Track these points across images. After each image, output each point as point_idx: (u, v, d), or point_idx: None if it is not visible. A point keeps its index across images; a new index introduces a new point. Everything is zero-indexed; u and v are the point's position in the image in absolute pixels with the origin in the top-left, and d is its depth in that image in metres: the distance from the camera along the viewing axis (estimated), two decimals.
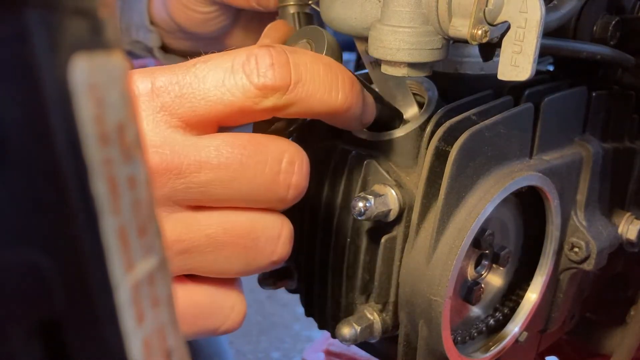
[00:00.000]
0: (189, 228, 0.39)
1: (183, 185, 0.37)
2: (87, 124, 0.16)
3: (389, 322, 0.53)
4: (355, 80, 0.44)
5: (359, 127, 0.50)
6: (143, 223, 0.18)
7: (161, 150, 0.37)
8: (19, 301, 0.15)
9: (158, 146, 0.37)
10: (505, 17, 0.44)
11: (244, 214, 0.41)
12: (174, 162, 0.37)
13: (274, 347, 2.08)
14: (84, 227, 0.16)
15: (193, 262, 0.40)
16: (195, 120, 0.38)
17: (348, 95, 0.42)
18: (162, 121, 0.38)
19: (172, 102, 0.38)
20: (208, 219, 0.39)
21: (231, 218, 0.40)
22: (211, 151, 0.38)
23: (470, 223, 0.48)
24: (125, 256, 0.17)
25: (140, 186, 0.18)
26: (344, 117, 0.44)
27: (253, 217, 0.41)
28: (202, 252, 0.39)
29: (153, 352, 0.18)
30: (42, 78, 0.15)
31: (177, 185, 0.37)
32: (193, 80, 0.38)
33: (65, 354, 0.16)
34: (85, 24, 0.16)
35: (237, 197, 0.40)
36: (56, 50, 0.15)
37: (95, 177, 0.16)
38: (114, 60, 0.17)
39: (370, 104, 0.47)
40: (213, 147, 0.38)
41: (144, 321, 0.18)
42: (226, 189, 0.39)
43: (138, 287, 0.17)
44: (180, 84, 0.38)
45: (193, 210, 0.39)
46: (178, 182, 0.37)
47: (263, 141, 0.40)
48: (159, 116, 0.38)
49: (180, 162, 0.37)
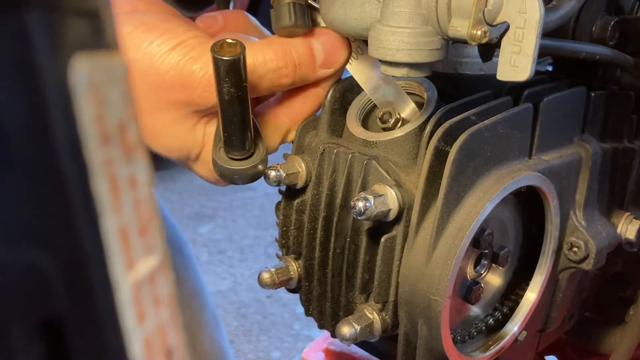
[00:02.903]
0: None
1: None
2: (88, 124, 0.16)
3: (388, 321, 0.53)
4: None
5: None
6: (144, 222, 0.18)
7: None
8: (20, 300, 0.16)
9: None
10: (505, 17, 0.44)
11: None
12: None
13: (274, 347, 2.08)
14: (85, 226, 0.16)
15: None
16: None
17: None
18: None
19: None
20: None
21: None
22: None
23: (470, 223, 0.48)
24: (126, 255, 0.17)
25: (141, 186, 0.18)
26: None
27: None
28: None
29: (154, 351, 0.18)
30: (43, 78, 0.15)
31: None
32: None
33: (65, 352, 0.16)
34: (86, 25, 0.16)
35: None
36: (57, 50, 0.15)
37: (96, 176, 0.16)
38: (115, 60, 0.17)
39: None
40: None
41: (145, 320, 0.18)
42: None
43: (139, 286, 0.17)
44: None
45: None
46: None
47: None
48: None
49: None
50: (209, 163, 0.57)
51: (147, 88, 0.52)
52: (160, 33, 0.52)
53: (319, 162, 0.55)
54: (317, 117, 0.58)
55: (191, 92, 0.52)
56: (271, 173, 0.55)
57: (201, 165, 0.58)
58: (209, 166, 0.57)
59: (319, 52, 0.55)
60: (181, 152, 0.57)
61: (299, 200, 0.57)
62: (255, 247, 2.60)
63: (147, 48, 0.51)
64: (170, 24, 0.53)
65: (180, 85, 0.52)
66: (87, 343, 0.17)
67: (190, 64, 0.51)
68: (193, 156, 0.58)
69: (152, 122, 0.54)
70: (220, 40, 0.49)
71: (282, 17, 0.53)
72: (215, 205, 2.91)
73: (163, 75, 0.51)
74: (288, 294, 0.64)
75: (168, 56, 0.51)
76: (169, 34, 0.52)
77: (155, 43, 0.51)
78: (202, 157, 0.58)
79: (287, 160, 0.57)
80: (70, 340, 0.16)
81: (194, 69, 0.51)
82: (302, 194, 0.57)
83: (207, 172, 0.59)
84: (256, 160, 0.55)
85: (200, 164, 0.58)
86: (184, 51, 0.51)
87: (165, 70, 0.51)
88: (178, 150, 0.57)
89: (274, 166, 0.56)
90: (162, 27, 0.52)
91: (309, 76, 0.56)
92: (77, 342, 0.16)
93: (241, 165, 0.55)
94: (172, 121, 0.54)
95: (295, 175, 0.56)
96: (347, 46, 0.56)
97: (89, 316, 0.16)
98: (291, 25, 0.53)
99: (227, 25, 0.61)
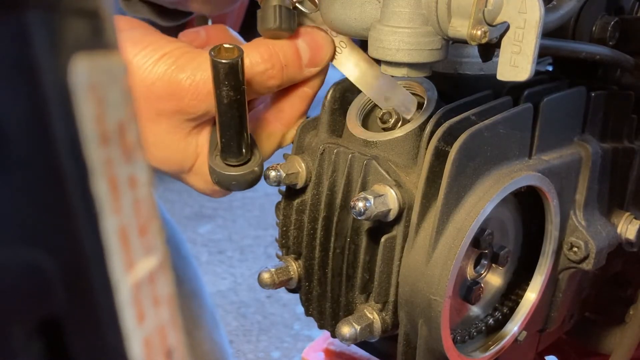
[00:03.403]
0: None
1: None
2: (88, 124, 0.16)
3: (388, 321, 0.53)
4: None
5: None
6: (144, 222, 0.18)
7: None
8: (19, 300, 0.16)
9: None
10: (505, 17, 0.44)
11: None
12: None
13: (274, 347, 2.08)
14: (85, 226, 0.16)
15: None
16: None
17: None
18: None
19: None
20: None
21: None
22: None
23: (470, 223, 0.48)
24: (125, 255, 0.17)
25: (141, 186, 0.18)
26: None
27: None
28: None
29: (153, 351, 0.18)
30: (43, 78, 0.15)
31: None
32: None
33: (65, 352, 0.16)
34: (86, 25, 0.16)
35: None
36: (57, 50, 0.15)
37: (95, 176, 0.16)
38: (114, 60, 0.17)
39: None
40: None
41: (145, 320, 0.18)
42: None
43: (139, 286, 0.17)
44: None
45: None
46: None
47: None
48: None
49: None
50: (203, 174, 0.57)
51: (136, 100, 0.52)
52: (145, 45, 0.52)
53: (319, 162, 0.55)
54: (317, 117, 0.58)
55: (179, 100, 0.52)
56: (271, 173, 0.55)
57: (195, 176, 0.59)
58: (203, 177, 0.58)
59: (304, 52, 0.55)
60: (175, 164, 0.57)
61: (299, 200, 0.57)
62: (255, 247, 2.61)
63: (132, 60, 0.52)
64: (154, 37, 0.54)
65: (169, 95, 0.52)
66: (87, 343, 0.17)
67: (177, 73, 0.52)
68: (187, 167, 0.58)
69: (143, 133, 0.54)
70: (218, 46, 0.50)
71: (267, 19, 0.53)
72: (215, 205, 2.91)
73: (150, 86, 0.52)
74: (288, 294, 0.64)
75: (154, 67, 0.52)
76: (154, 45, 0.53)
77: (141, 55, 0.52)
78: (195, 169, 0.58)
79: (287, 160, 0.57)
80: (70, 340, 0.16)
81: (180, 77, 0.52)
82: (302, 194, 0.57)
83: (202, 184, 0.59)
84: (253, 166, 0.55)
85: (195, 175, 0.59)
86: (169, 61, 0.52)
87: (152, 81, 0.52)
88: (172, 162, 0.57)
89: (274, 166, 0.56)
90: (146, 40, 0.53)
91: (296, 76, 0.56)
92: (77, 342, 0.16)
93: (238, 171, 0.55)
94: (163, 131, 0.55)
95: (295, 175, 0.56)
96: (331, 43, 0.56)
97: (89, 316, 0.16)
98: (275, 28, 0.53)
99: (209, 39, 0.62)
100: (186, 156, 0.57)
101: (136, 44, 0.52)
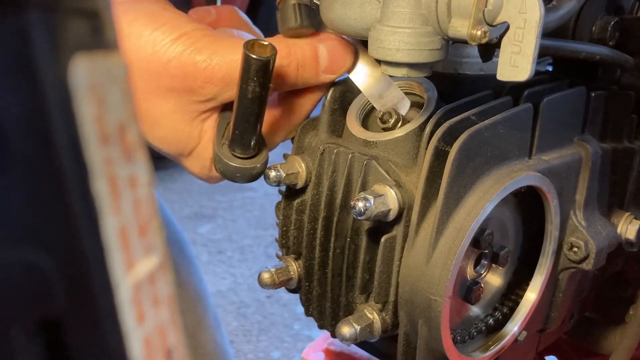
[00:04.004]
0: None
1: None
2: (88, 124, 0.16)
3: (388, 321, 0.53)
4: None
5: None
6: (144, 222, 0.18)
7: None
8: (19, 300, 0.16)
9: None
10: (505, 17, 0.44)
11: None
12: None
13: (274, 347, 2.08)
14: (85, 226, 0.16)
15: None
16: None
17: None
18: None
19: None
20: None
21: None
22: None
23: (470, 223, 0.48)
24: (125, 255, 0.17)
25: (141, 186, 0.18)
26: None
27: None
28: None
29: (153, 351, 0.18)
30: (43, 78, 0.15)
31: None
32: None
33: (65, 352, 0.16)
34: (86, 25, 0.16)
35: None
36: (57, 50, 0.15)
37: (96, 176, 0.16)
38: (115, 60, 0.17)
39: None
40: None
41: (145, 320, 0.18)
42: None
43: (139, 286, 0.17)
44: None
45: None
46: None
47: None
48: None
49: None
50: (202, 160, 0.57)
51: (148, 75, 0.53)
52: (164, 22, 0.52)
53: (319, 162, 0.55)
54: (317, 117, 0.58)
55: (192, 81, 0.52)
56: (271, 173, 0.55)
57: (194, 161, 0.58)
58: (202, 162, 0.57)
59: (323, 57, 0.55)
60: (176, 145, 0.57)
61: (299, 200, 0.57)
62: (255, 247, 2.60)
63: (149, 35, 0.52)
64: (173, 14, 0.53)
65: (182, 75, 0.52)
66: (87, 343, 0.17)
67: (195, 54, 0.52)
68: (187, 151, 0.58)
69: (151, 109, 0.54)
70: (252, 40, 0.49)
71: (287, 19, 0.53)
72: (215, 205, 2.91)
73: (165, 63, 0.52)
74: (288, 294, 0.64)
75: (171, 45, 0.52)
76: (173, 23, 0.52)
77: (159, 31, 0.52)
78: (195, 153, 0.58)
79: (287, 160, 0.57)
80: (70, 340, 0.16)
81: (197, 59, 0.52)
82: (302, 194, 0.57)
83: (199, 169, 0.59)
84: (259, 161, 0.55)
85: (193, 159, 0.58)
86: (188, 42, 0.52)
87: (168, 59, 0.52)
88: (173, 143, 0.57)
89: (274, 166, 0.56)
90: (165, 16, 0.53)
91: (311, 80, 0.56)
92: (77, 342, 0.16)
93: (244, 164, 0.55)
94: (171, 110, 0.54)
95: (295, 175, 0.56)
96: (353, 53, 0.56)
97: (89, 316, 0.16)
98: (297, 27, 0.53)
99: (219, 19, 0.62)
100: (189, 140, 0.56)
101: (155, 18, 0.52)
